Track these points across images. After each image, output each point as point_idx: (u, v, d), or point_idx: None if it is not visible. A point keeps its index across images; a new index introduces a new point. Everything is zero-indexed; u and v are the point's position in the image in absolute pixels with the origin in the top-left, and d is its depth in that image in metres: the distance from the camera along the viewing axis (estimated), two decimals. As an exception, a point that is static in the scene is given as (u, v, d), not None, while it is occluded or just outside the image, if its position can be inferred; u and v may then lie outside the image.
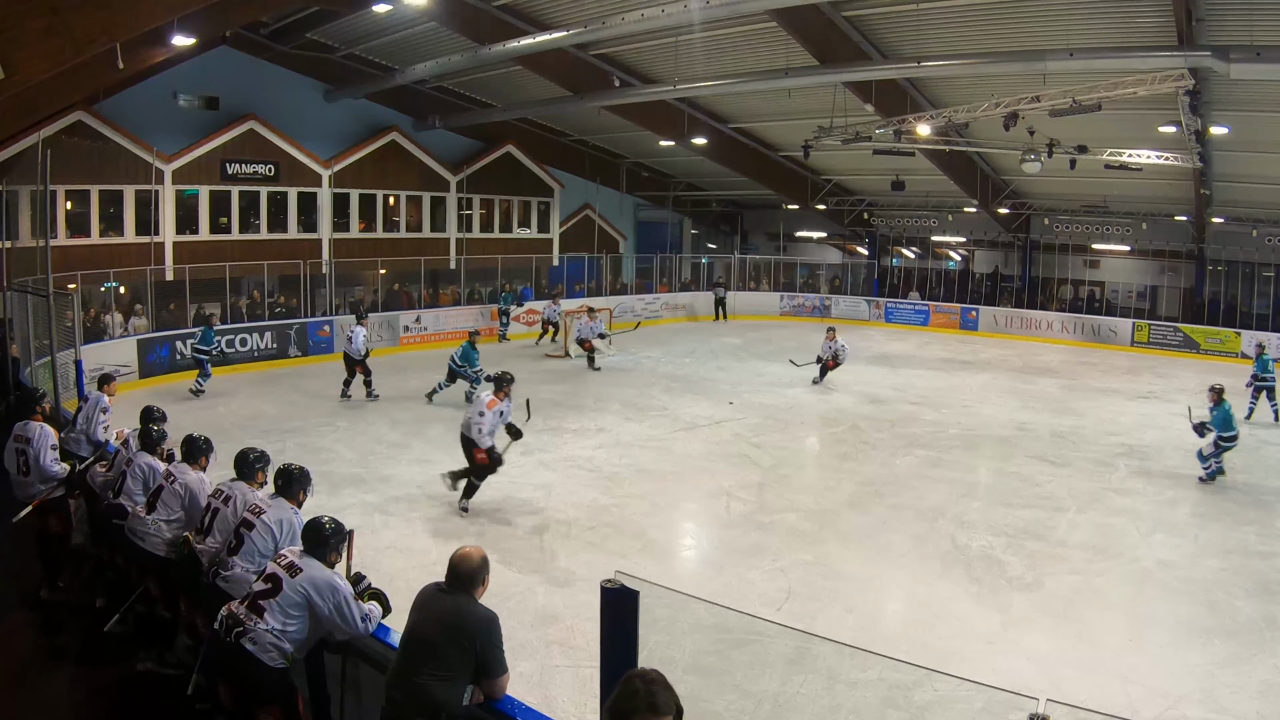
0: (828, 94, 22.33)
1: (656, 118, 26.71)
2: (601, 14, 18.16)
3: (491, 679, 4.28)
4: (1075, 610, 8.86)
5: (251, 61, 24.28)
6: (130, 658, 6.67)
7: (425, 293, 28.38)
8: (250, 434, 14.82)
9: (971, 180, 28.66)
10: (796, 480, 13.44)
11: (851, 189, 34.01)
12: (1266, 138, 20.39)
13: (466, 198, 30.29)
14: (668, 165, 35.58)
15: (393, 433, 15.57)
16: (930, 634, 8.29)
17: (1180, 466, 14.22)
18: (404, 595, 4.84)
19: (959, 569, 9.88)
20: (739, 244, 39.99)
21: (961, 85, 21.19)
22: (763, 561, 9.98)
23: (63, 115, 20.35)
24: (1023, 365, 24.67)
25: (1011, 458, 14.74)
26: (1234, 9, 14.74)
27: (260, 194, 25.20)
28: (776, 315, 34.43)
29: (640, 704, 2.85)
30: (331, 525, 5.05)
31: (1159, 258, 30.41)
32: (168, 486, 6.77)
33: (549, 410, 16.94)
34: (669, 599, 4.94)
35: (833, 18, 18.46)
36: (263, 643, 4.72)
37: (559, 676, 7.30)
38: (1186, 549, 10.62)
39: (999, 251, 34.21)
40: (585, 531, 10.81)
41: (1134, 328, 28.49)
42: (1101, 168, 23.00)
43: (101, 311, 21.30)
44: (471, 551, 4.46)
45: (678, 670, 3.05)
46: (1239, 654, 7.94)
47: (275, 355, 22.61)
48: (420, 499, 11.90)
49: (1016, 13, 16.99)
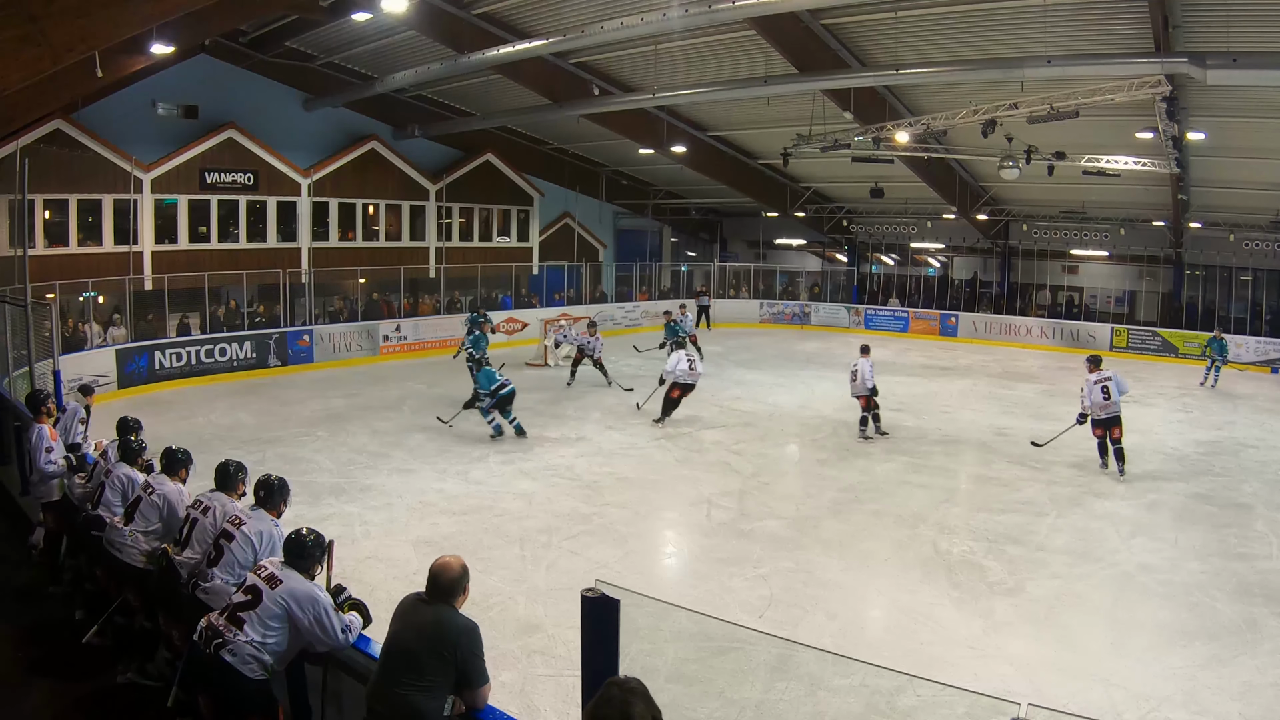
0: (806, 102, 22.42)
1: (636, 126, 26.72)
2: (580, 22, 18.14)
3: (473, 689, 4.26)
4: (1057, 615, 8.89)
5: (231, 70, 24.15)
6: (110, 670, 6.60)
7: (405, 302, 28.27)
8: (229, 444, 14.76)
9: (950, 187, 28.79)
10: (777, 487, 13.44)
11: (830, 196, 34.11)
12: (1243, 143, 20.59)
13: (446, 206, 30.24)
14: (647, 173, 35.59)
15: (373, 443, 15.51)
16: (912, 640, 8.31)
17: (1160, 470, 14.33)
18: (385, 606, 4.82)
19: (940, 574, 9.90)
20: (718, 251, 40.05)
21: (940, 92, 21.27)
22: (744, 569, 9.98)
23: (41, 124, 20.21)
24: (1002, 371, 24.79)
25: (992, 463, 14.80)
26: (1211, 16, 14.84)
27: (239, 203, 25.07)
28: (756, 323, 34.45)
29: (614, 712, 2.85)
30: (312, 537, 5.03)
31: (1137, 263, 30.59)
32: (146, 498, 6.72)
33: (529, 419, 16.91)
34: (650, 607, 4.93)
35: (811, 26, 18.52)
36: (242, 655, 4.68)
37: (541, 686, 7.28)
38: (1167, 552, 10.67)
39: (978, 258, 34.36)
40: (566, 540, 10.78)
41: (1113, 332, 28.66)
42: (1079, 174, 23.12)
43: (80, 321, 21.15)
44: (451, 561, 4.44)
45: (660, 679, 3.05)
46: (1220, 656, 7.98)
47: (254, 365, 22.47)
48: (401, 509, 11.85)
49: (994, 20, 17.09)
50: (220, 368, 21.81)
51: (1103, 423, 14.07)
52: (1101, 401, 13.90)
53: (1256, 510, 12.35)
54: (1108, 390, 13.88)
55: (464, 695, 4.26)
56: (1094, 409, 14.02)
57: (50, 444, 8.55)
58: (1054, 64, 16.18)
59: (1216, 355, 22.98)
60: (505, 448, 15.10)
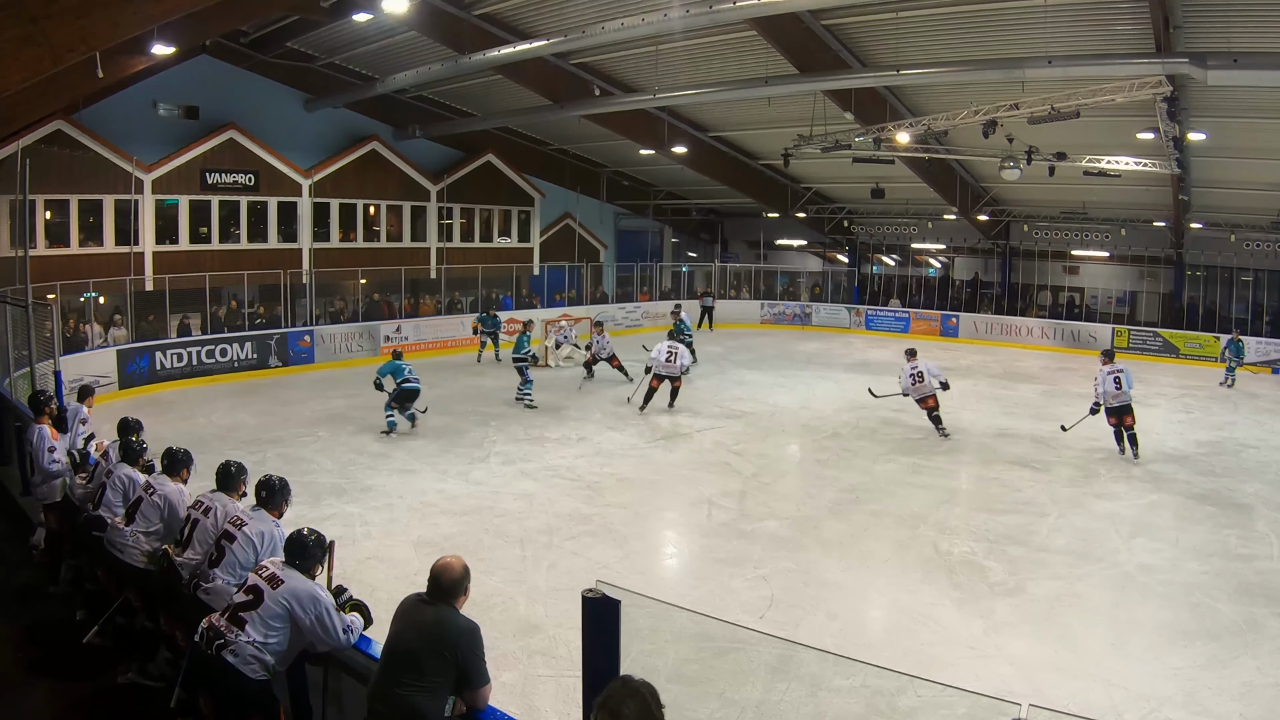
0: (807, 102, 22.42)
1: (636, 126, 26.73)
2: (581, 23, 18.15)
3: (473, 690, 4.27)
4: (1057, 615, 8.89)
5: (231, 70, 24.17)
6: (111, 670, 6.61)
7: (406, 303, 28.25)
8: (230, 445, 14.78)
9: (951, 187, 28.79)
10: (778, 488, 13.43)
11: (831, 197, 34.13)
12: (1244, 143, 20.59)
13: (447, 207, 30.24)
14: (648, 174, 35.60)
15: (374, 443, 15.51)
16: (913, 640, 8.31)
17: (1161, 470, 14.33)
18: (385, 606, 4.83)
19: (941, 575, 9.90)
20: (719, 252, 40.04)
21: (941, 93, 21.27)
22: (745, 569, 9.98)
23: (42, 124, 20.22)
24: (1003, 371, 24.78)
25: (992, 463, 14.79)
26: (1211, 16, 14.86)
27: (240, 204, 25.07)
28: (757, 324, 34.43)
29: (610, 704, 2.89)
30: (313, 537, 5.04)
31: (1138, 263, 30.60)
32: (147, 498, 6.73)
33: (530, 419, 16.94)
34: (651, 608, 4.93)
35: (812, 26, 18.53)
36: (244, 655, 4.69)
37: (541, 686, 7.28)
38: (1167, 553, 10.67)
39: (979, 258, 34.37)
40: (567, 541, 10.78)
41: (1114, 333, 28.62)
42: (1080, 174, 23.12)
43: (81, 322, 21.16)
44: (453, 561, 4.44)
45: (660, 679, 3.04)
46: (1221, 656, 7.98)
47: (255, 365, 22.46)
48: (401, 509, 11.85)
49: (995, 21, 17.10)
50: (221, 368, 21.81)
51: (1116, 410, 15.03)
52: (1114, 390, 14.89)
53: (1257, 511, 12.35)
54: (1119, 381, 14.90)
55: (465, 696, 4.27)
56: (1106, 398, 15.01)
57: (52, 444, 8.58)
58: (1055, 64, 16.17)
59: (1234, 357, 23.39)
60: (506, 449, 15.10)
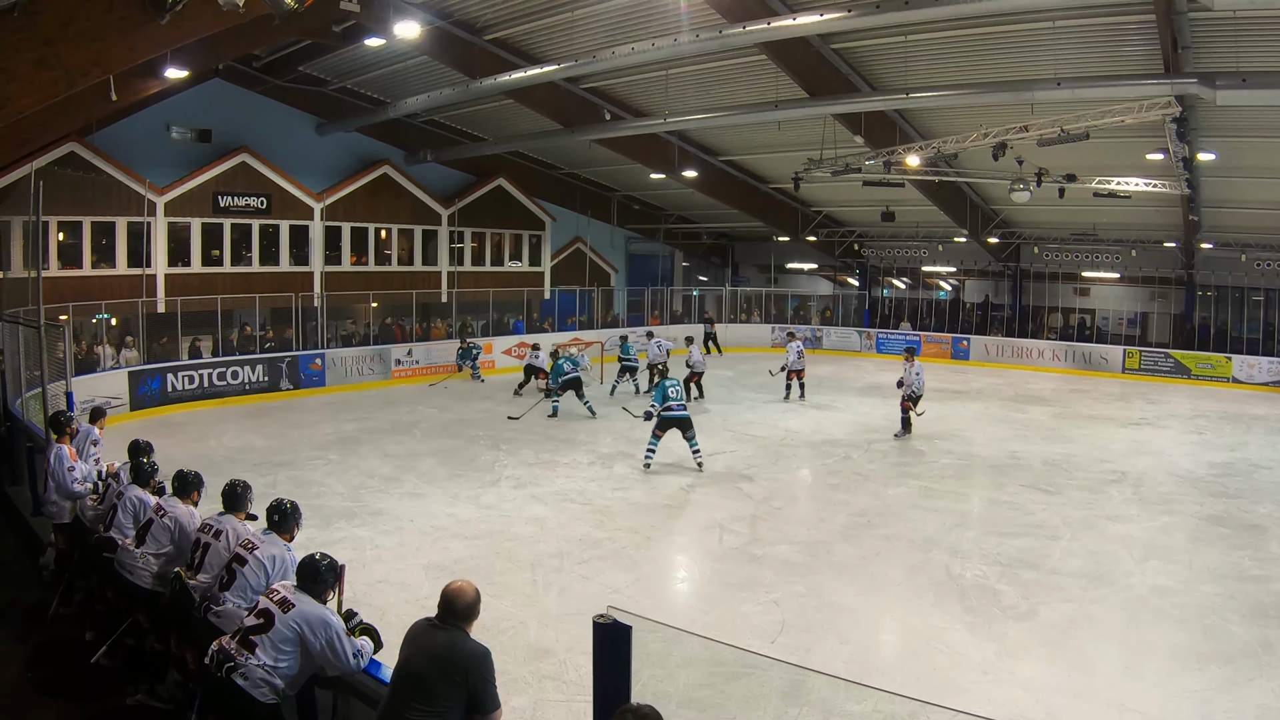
0: (817, 126, 22.47)
1: (647, 151, 26.84)
2: (592, 48, 18.26)
3: (484, 714, 4.26)
4: (1070, 638, 8.81)
5: (244, 94, 24.36)
6: (119, 691, 6.60)
7: (417, 326, 28.32)
8: (241, 467, 14.77)
9: (961, 210, 28.82)
10: (789, 512, 13.37)
11: (842, 220, 34.18)
12: (1253, 163, 20.60)
13: (458, 231, 30.32)
14: (658, 198, 35.73)
15: (384, 466, 15.50)
16: (925, 665, 8.24)
17: (1173, 492, 14.23)
18: (395, 630, 4.82)
19: (953, 599, 9.83)
20: (730, 276, 40.10)
21: (950, 116, 21.33)
22: (756, 594, 9.92)
23: (55, 146, 20.37)
24: (1014, 394, 24.70)
25: (1004, 486, 14.70)
26: (1220, 37, 14.89)
27: (252, 227, 25.17)
28: (768, 347, 34.37)
29: None
30: (325, 561, 5.05)
31: (1149, 284, 30.56)
32: (157, 520, 6.76)
33: (540, 444, 16.93)
34: (662, 633, 4.92)
35: (822, 50, 18.59)
36: (254, 678, 4.69)
37: (552, 712, 7.24)
38: (1181, 575, 10.59)
39: (989, 281, 34.39)
40: (578, 565, 10.74)
41: (1125, 354, 28.58)
42: (1090, 195, 23.14)
43: (93, 343, 21.23)
44: (464, 586, 4.44)
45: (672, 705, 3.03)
46: (1235, 679, 7.90)
47: (266, 388, 22.52)
48: (412, 533, 11.82)
49: (1004, 44, 17.15)
50: (232, 391, 21.86)
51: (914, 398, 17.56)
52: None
53: (1271, 532, 12.25)
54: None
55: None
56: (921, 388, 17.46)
57: (72, 464, 8.63)
58: (1064, 86, 16.21)
59: None
60: (517, 473, 15.09)
